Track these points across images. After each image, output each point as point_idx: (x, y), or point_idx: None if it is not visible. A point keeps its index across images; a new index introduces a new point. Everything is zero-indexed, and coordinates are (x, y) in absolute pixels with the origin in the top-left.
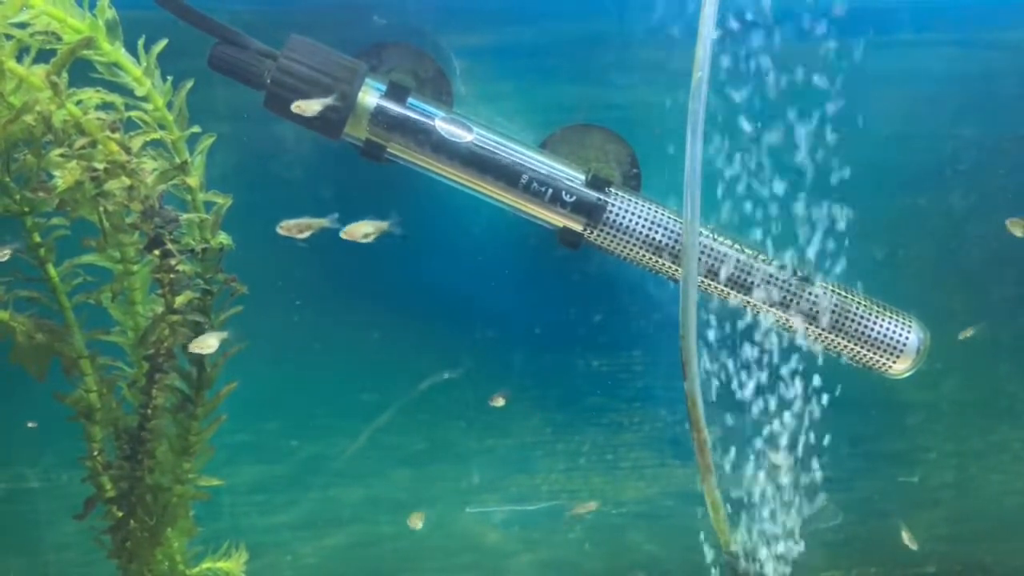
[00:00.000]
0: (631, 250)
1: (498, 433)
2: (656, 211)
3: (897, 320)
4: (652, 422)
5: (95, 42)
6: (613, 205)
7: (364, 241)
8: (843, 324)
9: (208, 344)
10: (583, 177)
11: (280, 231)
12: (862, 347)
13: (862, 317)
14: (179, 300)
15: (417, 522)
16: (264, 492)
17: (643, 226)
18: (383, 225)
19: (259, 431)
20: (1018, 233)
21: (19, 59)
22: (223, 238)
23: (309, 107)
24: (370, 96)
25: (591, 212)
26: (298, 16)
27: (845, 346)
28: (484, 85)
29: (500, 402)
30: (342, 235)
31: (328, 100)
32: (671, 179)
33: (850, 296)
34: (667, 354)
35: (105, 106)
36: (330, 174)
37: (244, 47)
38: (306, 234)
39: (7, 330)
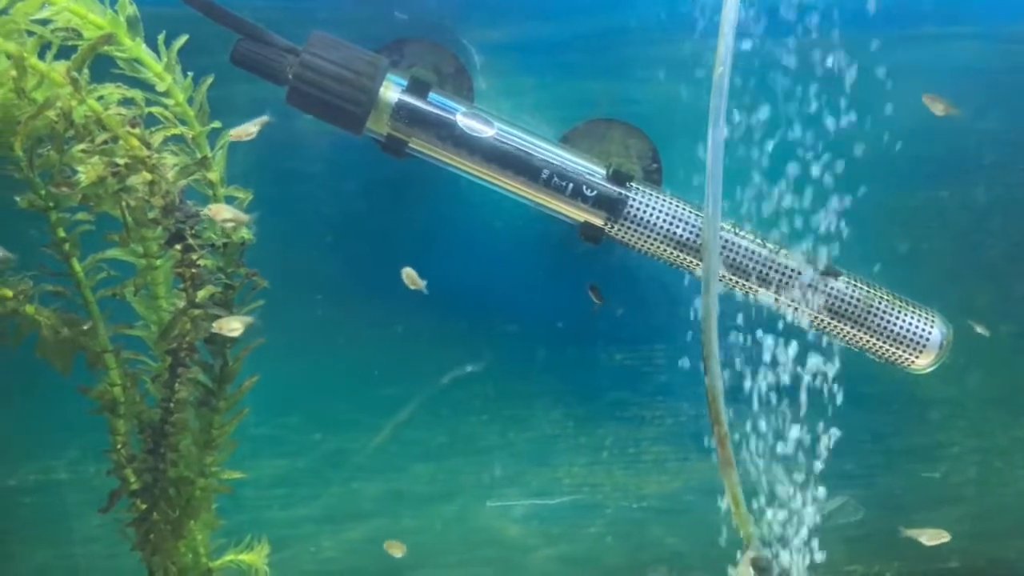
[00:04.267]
0: (652, 244)
1: (519, 427)
2: (677, 206)
3: (920, 315)
4: (675, 416)
5: (116, 38)
6: (634, 200)
7: (226, 226)
8: (866, 319)
9: (232, 326)
10: (604, 172)
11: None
12: (885, 342)
13: (885, 312)
14: (201, 294)
15: (396, 551)
16: (286, 485)
17: (664, 220)
18: (243, 217)
19: (281, 425)
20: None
21: (41, 55)
22: (244, 233)
23: (245, 131)
24: (391, 91)
25: (612, 206)
26: (320, 12)
27: (867, 341)
28: (505, 80)
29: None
30: (206, 212)
31: (265, 118)
32: (692, 174)
33: (873, 291)
34: (690, 348)
35: (126, 102)
36: (351, 169)
37: (267, 43)
38: (231, 224)
39: (33, 324)
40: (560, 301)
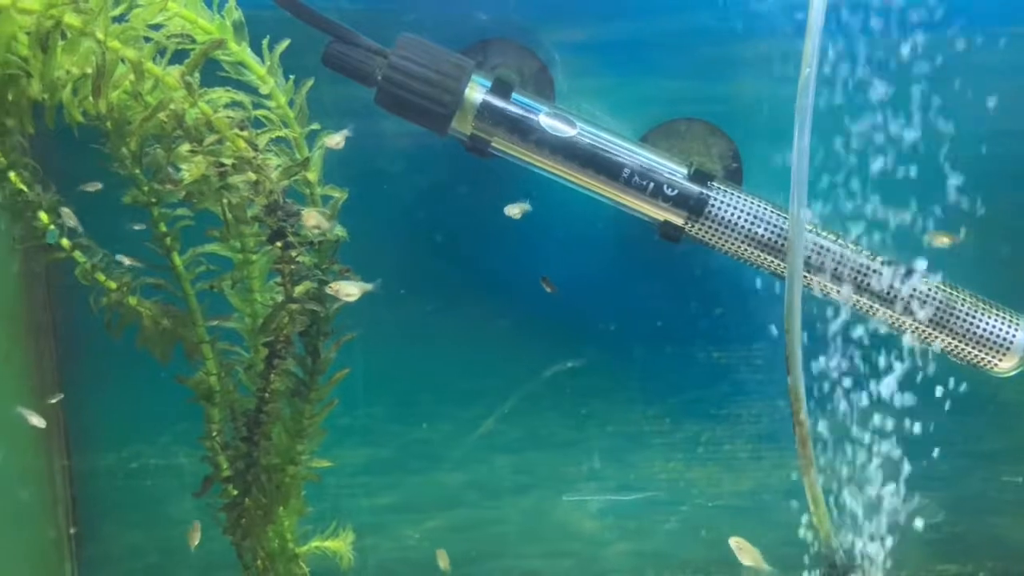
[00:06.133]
0: (733, 244)
1: (605, 422)
2: (759, 205)
3: (1004, 317)
4: (770, 415)
5: (224, 43)
6: (715, 199)
7: (313, 232)
8: (948, 321)
9: (349, 291)
10: (685, 171)
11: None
12: (967, 344)
13: (968, 314)
14: (298, 290)
15: (443, 562)
16: (368, 474)
17: (746, 220)
18: (326, 224)
19: (366, 416)
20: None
21: (154, 60)
22: (338, 230)
23: (333, 140)
24: (476, 92)
25: (693, 206)
26: (405, 14)
27: (950, 343)
28: (586, 80)
29: (550, 289)
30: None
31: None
32: (773, 175)
33: (956, 293)
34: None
35: (232, 104)
36: (436, 168)
37: (356, 45)
38: (317, 229)
39: (135, 315)
40: (659, 300)
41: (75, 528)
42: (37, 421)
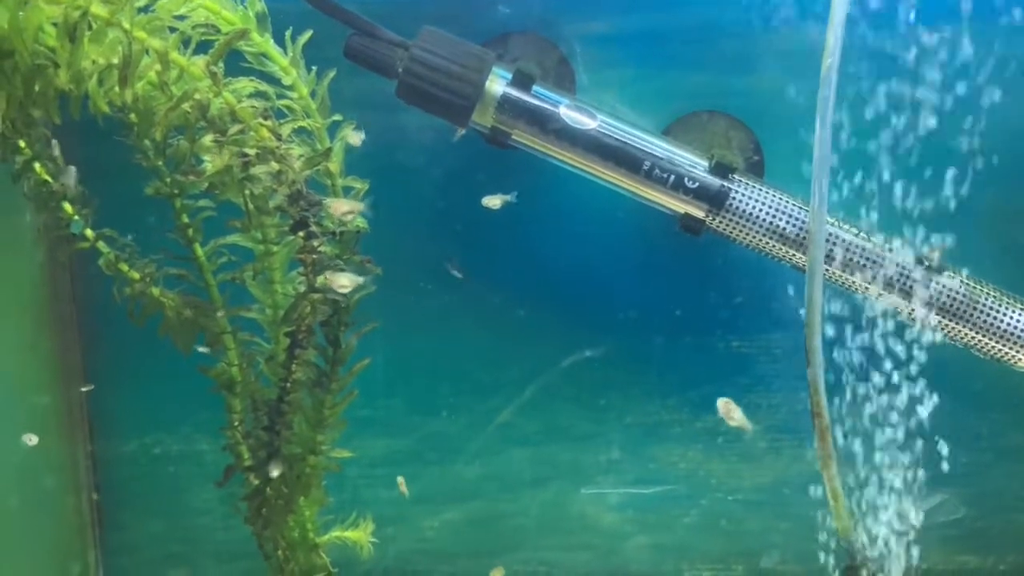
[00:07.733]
0: (754, 237)
1: (622, 415)
2: (780, 198)
3: None
4: (791, 405)
5: (248, 33)
6: (736, 192)
7: (346, 219)
8: (971, 315)
9: (341, 283)
10: (706, 164)
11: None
12: (991, 339)
13: (991, 308)
14: (320, 280)
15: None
16: (387, 466)
17: (767, 213)
18: (359, 205)
19: (385, 407)
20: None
21: (178, 50)
22: (359, 221)
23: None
24: (497, 84)
25: (714, 198)
26: (426, 6)
27: (973, 338)
28: (607, 72)
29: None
30: (330, 209)
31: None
32: (794, 167)
33: (979, 287)
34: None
35: (256, 94)
36: (456, 159)
37: (378, 38)
38: (350, 216)
39: (158, 305)
40: (678, 290)
41: (98, 515)
42: (27, 438)
